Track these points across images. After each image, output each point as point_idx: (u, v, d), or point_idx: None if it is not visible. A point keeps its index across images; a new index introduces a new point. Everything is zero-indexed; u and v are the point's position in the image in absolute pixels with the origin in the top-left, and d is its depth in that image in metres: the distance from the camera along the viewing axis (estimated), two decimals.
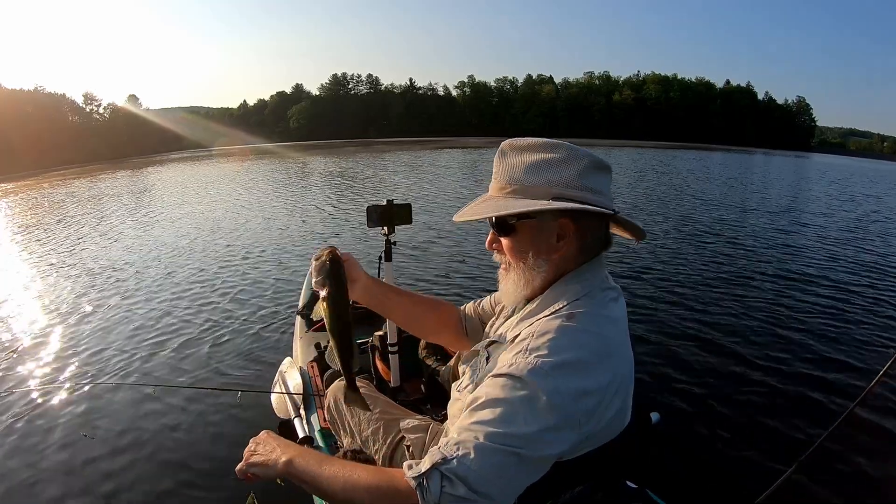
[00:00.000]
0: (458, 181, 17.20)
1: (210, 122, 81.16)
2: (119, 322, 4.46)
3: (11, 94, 50.71)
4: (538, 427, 0.74)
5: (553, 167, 0.88)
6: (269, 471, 0.92)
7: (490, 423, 0.75)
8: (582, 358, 0.79)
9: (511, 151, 0.93)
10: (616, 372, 0.82)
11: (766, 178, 21.37)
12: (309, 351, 2.58)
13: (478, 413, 0.78)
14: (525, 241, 0.92)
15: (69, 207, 13.01)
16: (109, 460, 2.54)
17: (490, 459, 0.73)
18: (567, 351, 0.79)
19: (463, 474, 0.72)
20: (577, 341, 0.81)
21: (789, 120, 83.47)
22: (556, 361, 0.77)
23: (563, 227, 0.89)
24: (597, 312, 0.86)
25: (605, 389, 0.80)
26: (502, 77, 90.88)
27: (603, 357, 0.81)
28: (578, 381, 0.77)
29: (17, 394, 3.17)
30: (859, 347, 3.90)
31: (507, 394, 0.77)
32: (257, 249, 7.24)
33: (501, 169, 0.93)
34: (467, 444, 0.74)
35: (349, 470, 0.84)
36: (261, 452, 0.95)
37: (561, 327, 0.82)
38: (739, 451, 2.62)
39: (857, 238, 8.35)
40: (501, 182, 0.93)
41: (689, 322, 4.35)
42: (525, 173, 0.89)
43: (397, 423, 1.33)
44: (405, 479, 0.76)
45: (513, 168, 0.91)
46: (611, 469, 0.90)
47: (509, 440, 0.74)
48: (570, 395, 0.76)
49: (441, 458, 0.75)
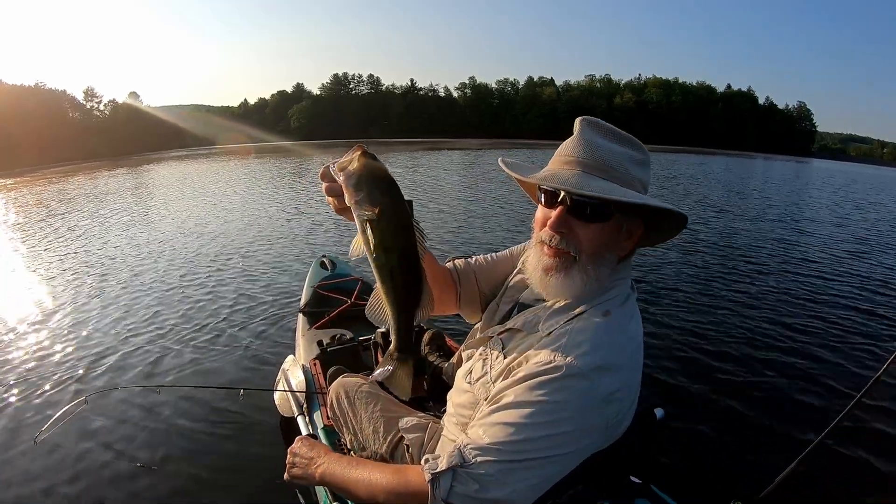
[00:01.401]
0: (457, 181, 17.18)
1: (213, 116, 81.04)
2: (120, 322, 4.46)
3: (13, 89, 50.61)
4: (567, 429, 0.74)
5: (645, 167, 0.88)
6: (308, 481, 1.00)
7: (517, 428, 0.74)
8: (618, 360, 0.79)
9: (605, 133, 0.88)
10: (639, 373, 0.84)
11: (770, 183, 21.38)
12: (311, 348, 2.59)
13: (503, 415, 0.76)
14: (610, 233, 0.87)
15: (69, 205, 12.98)
16: (113, 460, 2.54)
17: (509, 465, 0.72)
18: (605, 352, 0.78)
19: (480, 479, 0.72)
20: (614, 343, 0.80)
21: (790, 125, 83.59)
22: (596, 362, 0.76)
23: (634, 228, 0.89)
24: (630, 314, 0.87)
25: (633, 390, 0.81)
26: (503, 78, 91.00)
27: (633, 360, 0.82)
28: (612, 383, 0.76)
29: (15, 395, 3.17)
30: (860, 346, 3.94)
31: (540, 396, 0.75)
32: (259, 247, 7.24)
33: (594, 149, 0.85)
34: (489, 449, 0.73)
35: (370, 472, 0.89)
36: (298, 464, 1.02)
37: (599, 326, 0.81)
38: (742, 447, 2.64)
39: (857, 240, 8.38)
40: (597, 162, 0.84)
41: (693, 320, 4.38)
42: (628, 164, 0.86)
43: (398, 421, 1.33)
44: (419, 478, 0.77)
45: (614, 153, 0.86)
46: (616, 464, 0.91)
47: (535, 445, 0.73)
48: (604, 398, 0.76)
49: (461, 460, 0.74)
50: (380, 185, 0.74)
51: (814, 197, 16.29)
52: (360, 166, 0.74)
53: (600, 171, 0.84)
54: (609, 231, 0.86)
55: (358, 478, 0.89)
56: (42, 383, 3.32)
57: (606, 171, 0.84)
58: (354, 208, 0.75)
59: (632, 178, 0.85)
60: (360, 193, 0.73)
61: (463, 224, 8.92)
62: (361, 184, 0.73)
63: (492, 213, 10.23)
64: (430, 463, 0.77)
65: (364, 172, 0.73)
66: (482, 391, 0.90)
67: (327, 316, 2.99)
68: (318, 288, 3.38)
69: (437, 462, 0.76)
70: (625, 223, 0.87)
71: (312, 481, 0.98)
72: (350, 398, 1.47)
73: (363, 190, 0.73)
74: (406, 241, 0.76)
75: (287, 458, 1.05)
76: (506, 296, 1.09)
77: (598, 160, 0.84)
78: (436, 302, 1.07)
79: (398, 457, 1.27)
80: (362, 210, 0.73)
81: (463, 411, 0.97)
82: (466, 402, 0.96)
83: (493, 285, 1.16)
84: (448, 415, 1.06)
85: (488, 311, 1.11)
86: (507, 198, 11.98)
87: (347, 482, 0.91)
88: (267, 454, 2.50)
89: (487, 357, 0.95)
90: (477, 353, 1.00)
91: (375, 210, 0.73)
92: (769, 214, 11.12)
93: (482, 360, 0.96)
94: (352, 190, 0.74)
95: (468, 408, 0.95)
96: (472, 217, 9.68)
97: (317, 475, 0.97)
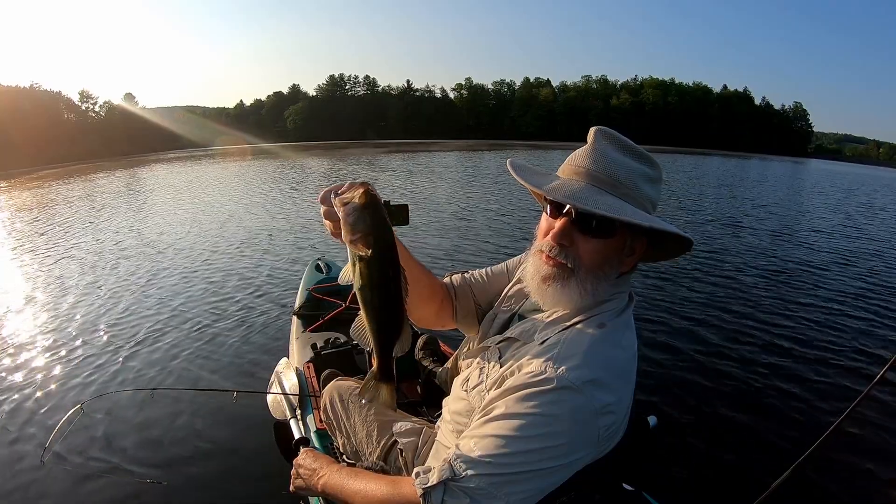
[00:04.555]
0: (455, 183, 17.19)
1: (208, 120, 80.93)
2: (112, 325, 4.42)
3: (8, 90, 50.52)
4: (558, 443, 0.73)
5: (656, 185, 0.87)
6: (311, 492, 1.04)
7: (507, 441, 0.73)
8: (611, 374, 0.77)
9: (619, 146, 0.86)
10: (632, 385, 0.83)
11: (765, 185, 21.44)
12: (305, 351, 2.57)
13: (493, 427, 0.76)
14: (612, 249, 0.86)
15: (60, 206, 12.93)
16: (105, 463, 2.52)
17: (500, 478, 0.72)
18: (598, 365, 0.77)
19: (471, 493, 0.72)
20: (608, 357, 0.79)
21: (786, 125, 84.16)
22: (588, 376, 0.75)
23: (638, 247, 0.88)
24: (625, 326, 0.86)
25: (625, 403, 0.80)
26: (499, 79, 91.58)
27: (627, 373, 0.81)
28: (604, 397, 0.75)
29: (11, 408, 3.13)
30: (858, 350, 3.94)
31: (530, 408, 0.74)
32: (254, 249, 7.21)
33: (608, 164, 0.84)
34: (479, 462, 0.73)
35: (366, 483, 0.92)
36: (302, 476, 1.06)
37: (593, 339, 0.80)
38: (736, 454, 2.63)
39: (859, 243, 8.44)
40: (609, 177, 0.83)
41: (686, 325, 4.37)
42: (640, 181, 0.85)
43: (391, 425, 1.33)
44: (413, 490, 0.77)
45: (625, 168, 0.84)
46: (608, 472, 0.90)
47: (525, 458, 0.72)
48: (596, 411, 0.74)
49: (451, 474, 0.74)
50: (376, 227, 0.75)
51: (811, 201, 16.37)
52: (361, 205, 0.75)
53: (610, 185, 0.83)
54: (612, 247, 0.85)
55: (355, 489, 0.92)
56: (37, 391, 3.28)
57: (616, 187, 0.82)
58: (349, 244, 0.77)
59: (642, 196, 0.84)
60: (357, 233, 0.75)
61: (460, 226, 8.93)
62: (359, 223, 0.75)
63: (488, 215, 10.24)
64: (420, 477, 0.76)
65: (363, 213, 0.75)
66: (477, 399, 0.90)
67: (322, 319, 2.98)
68: (313, 291, 3.37)
69: (429, 476, 0.75)
70: (629, 240, 0.86)
71: (315, 492, 1.02)
72: (344, 402, 1.47)
73: (360, 230, 0.75)
74: (392, 285, 0.79)
75: (292, 469, 1.09)
76: (504, 305, 1.09)
77: (610, 174, 0.83)
78: (433, 317, 1.14)
79: (392, 461, 1.27)
80: (356, 248, 0.76)
81: (459, 418, 0.98)
82: (462, 409, 0.97)
83: (490, 299, 1.16)
84: (444, 421, 1.06)
85: (486, 320, 1.10)
86: (505, 200, 12.01)
87: (345, 493, 0.94)
88: (260, 457, 2.49)
89: (484, 366, 0.95)
90: (475, 361, 1.00)
91: (368, 252, 0.75)
92: (763, 219, 11.12)
93: (479, 369, 0.97)
94: (349, 227, 0.76)
95: (464, 415, 0.95)
96: (467, 219, 9.70)
97: (318, 486, 1.01)
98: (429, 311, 1.14)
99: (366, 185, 0.77)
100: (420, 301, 1.10)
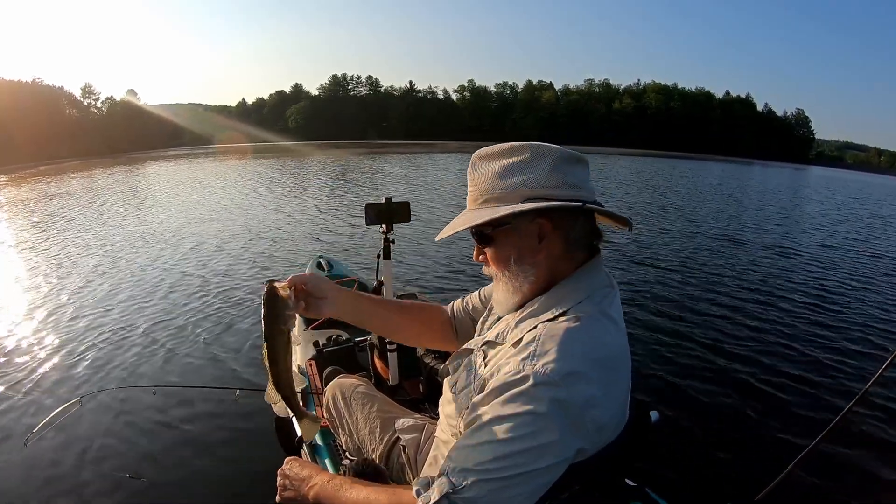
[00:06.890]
0: (455, 182, 17.19)
1: (211, 115, 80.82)
2: (114, 322, 4.42)
3: (9, 85, 50.42)
4: (547, 440, 0.73)
5: (521, 169, 0.86)
6: (302, 502, 1.00)
7: (497, 445, 0.74)
8: (590, 366, 0.77)
9: (481, 162, 0.91)
10: (620, 376, 0.82)
11: (767, 191, 21.47)
12: (307, 349, 2.58)
13: (482, 433, 0.76)
14: (506, 248, 0.89)
15: (60, 202, 12.94)
16: (107, 461, 2.53)
17: (497, 483, 0.72)
18: (575, 358, 0.76)
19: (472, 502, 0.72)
20: (584, 347, 0.78)
21: (788, 132, 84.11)
22: (566, 370, 0.74)
23: (542, 228, 0.87)
24: (601, 315, 0.84)
25: (611, 395, 0.80)
26: (502, 82, 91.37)
27: (609, 363, 0.80)
28: (587, 390, 0.75)
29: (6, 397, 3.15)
30: (857, 348, 3.97)
31: (513, 409, 0.74)
32: (255, 247, 7.22)
33: (474, 181, 0.91)
34: (474, 472, 0.73)
35: (364, 494, 0.89)
36: (291, 486, 1.02)
37: (568, 332, 0.79)
38: (738, 449, 2.65)
39: (859, 245, 8.50)
40: (474, 194, 0.91)
41: (688, 322, 4.40)
42: (495, 180, 0.87)
43: (394, 421, 1.33)
44: (414, 501, 0.77)
45: (483, 177, 0.89)
46: (610, 468, 0.91)
47: (517, 460, 0.73)
48: (580, 405, 0.74)
49: (451, 487, 0.74)
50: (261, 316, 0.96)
51: (812, 205, 16.36)
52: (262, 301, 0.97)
53: (476, 201, 0.90)
54: (505, 245, 0.90)
55: (352, 500, 0.90)
56: (35, 384, 3.29)
57: (476, 200, 0.90)
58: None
59: (503, 190, 0.86)
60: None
61: None
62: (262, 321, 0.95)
63: None
64: (423, 496, 0.76)
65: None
66: (465, 401, 0.91)
67: None
68: None
69: (430, 494, 0.75)
70: (521, 230, 0.87)
71: (306, 503, 0.98)
72: (346, 399, 1.47)
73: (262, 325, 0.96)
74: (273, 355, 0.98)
75: (278, 479, 1.05)
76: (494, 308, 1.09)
77: (475, 192, 0.90)
78: (439, 341, 1.27)
79: (394, 457, 1.28)
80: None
81: (451, 420, 0.98)
82: (452, 411, 0.97)
83: None
84: (440, 421, 1.07)
85: (479, 324, 1.12)
86: None
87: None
88: (261, 455, 2.49)
89: (471, 367, 0.95)
90: (462, 363, 1.00)
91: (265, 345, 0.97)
92: (766, 219, 11.17)
93: (466, 371, 0.97)
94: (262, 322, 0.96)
95: (454, 417, 0.96)
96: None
97: (309, 496, 0.97)
98: (430, 336, 1.28)
99: (269, 283, 0.97)
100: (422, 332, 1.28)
